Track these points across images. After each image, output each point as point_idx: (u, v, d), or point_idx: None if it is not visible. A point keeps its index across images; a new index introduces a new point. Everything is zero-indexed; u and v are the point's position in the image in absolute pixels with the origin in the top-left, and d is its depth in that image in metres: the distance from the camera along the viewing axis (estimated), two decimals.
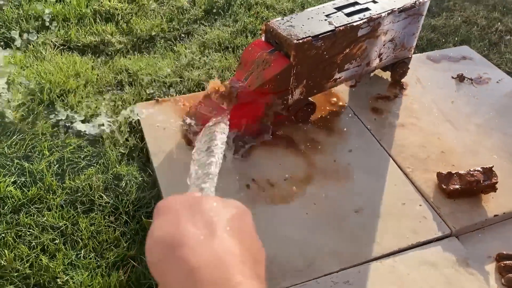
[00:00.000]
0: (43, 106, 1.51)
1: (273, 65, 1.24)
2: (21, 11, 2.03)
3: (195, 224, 0.32)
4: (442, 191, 1.25)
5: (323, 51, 1.28)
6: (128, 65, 1.77)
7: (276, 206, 1.19)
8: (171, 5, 2.21)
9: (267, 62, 1.25)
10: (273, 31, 1.26)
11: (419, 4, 1.42)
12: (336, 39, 1.28)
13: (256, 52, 1.28)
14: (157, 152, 1.36)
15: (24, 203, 1.23)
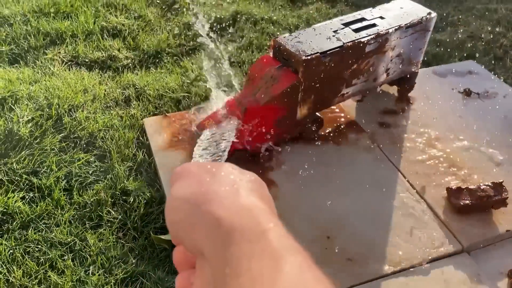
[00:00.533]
0: (52, 121, 1.52)
1: (281, 81, 1.25)
2: (29, 27, 2.05)
3: (218, 183, 0.31)
4: (452, 207, 1.24)
5: (331, 67, 1.28)
6: (135, 80, 1.78)
7: None
8: (178, 21, 2.23)
9: (275, 78, 1.26)
10: (281, 47, 1.27)
11: (426, 20, 1.43)
12: (344, 55, 1.28)
13: (264, 68, 1.29)
14: (164, 167, 1.36)
15: (32, 218, 1.23)
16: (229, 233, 0.27)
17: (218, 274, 0.26)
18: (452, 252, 1.15)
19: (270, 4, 2.51)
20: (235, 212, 0.28)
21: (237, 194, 0.30)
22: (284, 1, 2.57)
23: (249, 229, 0.27)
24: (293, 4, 2.56)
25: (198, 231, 0.29)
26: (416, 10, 1.46)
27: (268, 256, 0.25)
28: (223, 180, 0.32)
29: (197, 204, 0.30)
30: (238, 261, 0.25)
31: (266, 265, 0.25)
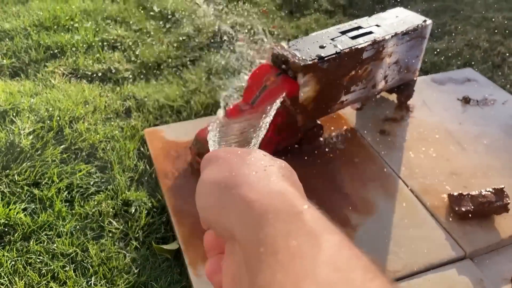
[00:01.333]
0: (53, 133, 1.52)
1: (280, 86, 1.26)
2: (30, 40, 2.06)
3: (248, 167, 0.31)
4: (454, 213, 1.24)
5: (329, 73, 1.29)
6: (136, 92, 1.79)
7: None
8: (177, 33, 2.25)
9: (273, 84, 1.27)
10: (280, 54, 1.28)
11: (422, 27, 1.45)
12: (341, 62, 1.30)
13: (263, 76, 1.30)
14: (166, 177, 1.36)
15: (34, 230, 1.22)
16: (262, 215, 0.26)
17: (250, 254, 0.26)
18: (455, 258, 1.14)
19: (269, 15, 2.53)
20: (267, 195, 0.28)
21: (268, 179, 0.30)
22: (283, 13, 2.59)
23: (283, 210, 0.27)
24: (291, 15, 2.59)
25: (229, 214, 0.29)
26: (411, 18, 1.47)
27: (305, 234, 0.25)
28: (254, 164, 0.32)
29: (228, 188, 0.30)
30: (273, 239, 0.25)
31: (304, 242, 0.24)
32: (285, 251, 0.24)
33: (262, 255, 0.25)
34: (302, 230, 0.25)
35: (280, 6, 2.65)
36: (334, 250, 0.24)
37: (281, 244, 0.24)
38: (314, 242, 0.24)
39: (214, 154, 0.35)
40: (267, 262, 0.24)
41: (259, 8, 2.59)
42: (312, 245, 0.24)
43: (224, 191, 0.30)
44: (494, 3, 2.80)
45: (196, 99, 1.76)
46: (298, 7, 2.66)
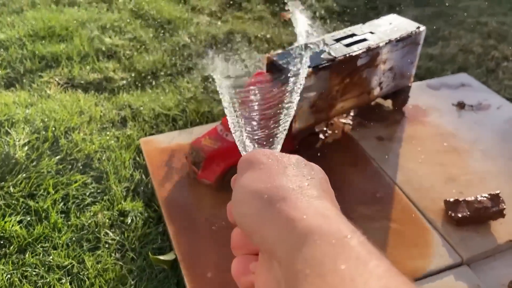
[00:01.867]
0: (48, 144, 1.52)
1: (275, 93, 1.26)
2: (25, 51, 2.06)
3: (290, 179, 0.31)
4: (450, 219, 1.24)
5: (324, 80, 1.30)
6: (131, 101, 1.79)
7: None
8: (172, 41, 2.26)
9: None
10: (274, 62, 1.29)
11: (415, 34, 1.46)
12: (336, 69, 1.30)
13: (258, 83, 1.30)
14: (162, 186, 1.36)
15: (29, 242, 1.22)
16: (306, 235, 0.26)
17: (293, 275, 0.25)
18: (452, 264, 1.14)
19: (264, 22, 2.54)
20: (312, 215, 0.28)
21: (310, 195, 0.30)
22: (277, 20, 2.60)
23: (330, 233, 0.26)
24: (286, 22, 2.60)
25: (269, 228, 0.28)
26: (405, 24, 1.48)
27: (354, 258, 0.25)
28: (296, 176, 0.32)
29: (270, 201, 0.29)
30: (320, 262, 0.25)
31: (354, 266, 0.24)
32: (333, 274, 0.24)
33: (308, 277, 0.24)
34: (350, 254, 0.25)
35: (275, 13, 2.66)
36: (384, 276, 0.24)
37: (328, 266, 0.24)
38: (363, 267, 0.24)
39: (254, 157, 0.34)
40: (314, 284, 0.24)
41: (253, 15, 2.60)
42: (362, 270, 0.24)
43: (265, 204, 0.29)
44: (488, 8, 2.82)
45: (192, 108, 1.76)
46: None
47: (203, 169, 1.27)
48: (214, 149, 1.25)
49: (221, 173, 1.26)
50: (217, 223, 1.25)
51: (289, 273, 0.26)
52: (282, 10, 2.69)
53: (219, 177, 1.27)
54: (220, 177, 1.27)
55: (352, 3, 2.85)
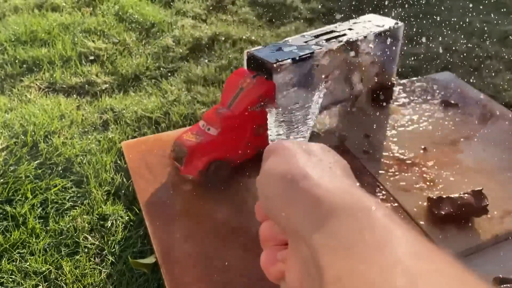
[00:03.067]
0: (27, 148, 1.50)
1: (256, 87, 1.26)
2: (6, 56, 2.04)
3: (315, 162, 0.32)
4: (434, 216, 1.23)
5: (304, 74, 1.29)
6: (114, 104, 1.77)
7: None
8: (156, 45, 2.24)
9: (249, 86, 1.27)
10: (254, 57, 1.29)
11: (393, 29, 1.46)
12: (315, 62, 1.30)
13: (238, 79, 1.30)
14: (143, 190, 1.34)
15: (6, 248, 1.19)
16: (331, 211, 0.26)
17: (320, 248, 0.25)
18: None
19: (249, 24, 2.54)
20: (335, 192, 0.28)
21: (334, 176, 0.30)
22: (263, 22, 2.60)
23: (354, 207, 0.26)
24: (271, 24, 2.59)
25: (294, 207, 0.28)
26: (383, 21, 1.49)
27: (380, 229, 0.24)
28: (320, 160, 0.32)
29: (294, 181, 0.30)
30: (347, 234, 0.24)
31: (382, 235, 0.23)
32: (361, 244, 0.23)
33: (334, 250, 0.24)
34: (377, 224, 0.25)
35: (260, 15, 2.66)
36: (414, 243, 0.23)
37: (356, 237, 0.24)
38: (390, 236, 0.24)
39: (278, 145, 0.35)
40: (341, 255, 0.23)
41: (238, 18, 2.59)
42: (389, 239, 0.23)
43: (290, 184, 0.30)
44: (472, 7, 2.84)
45: (175, 110, 1.75)
46: (278, 16, 2.67)
47: (186, 164, 1.25)
48: (196, 143, 1.24)
49: (203, 167, 1.25)
50: (199, 227, 1.23)
51: (316, 249, 0.25)
52: (268, 13, 2.69)
53: (202, 171, 1.25)
54: (203, 171, 1.25)
55: (337, 4, 2.86)
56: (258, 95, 1.26)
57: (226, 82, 1.35)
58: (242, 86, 1.29)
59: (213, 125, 1.27)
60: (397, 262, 0.22)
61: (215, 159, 1.28)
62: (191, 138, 1.27)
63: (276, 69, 1.24)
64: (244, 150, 1.32)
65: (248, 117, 1.28)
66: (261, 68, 1.28)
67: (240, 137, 1.30)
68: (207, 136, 1.27)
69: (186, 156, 1.27)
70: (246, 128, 1.30)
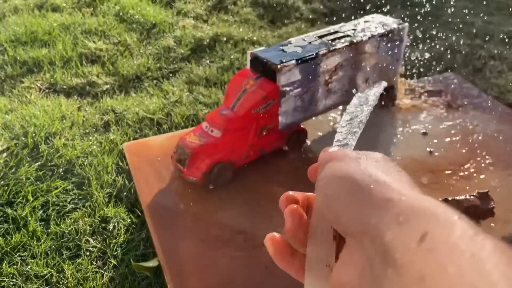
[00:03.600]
0: (28, 150, 1.48)
1: (260, 89, 1.24)
2: (6, 56, 2.02)
3: (381, 167, 0.32)
4: None
5: (308, 74, 1.28)
6: (115, 105, 1.75)
7: None
8: (158, 45, 2.23)
9: (252, 87, 1.26)
10: (257, 58, 1.27)
11: (398, 30, 1.45)
12: (319, 63, 1.29)
13: (242, 80, 1.29)
14: (145, 192, 1.32)
15: (7, 251, 1.18)
16: (407, 213, 0.26)
17: (397, 249, 0.24)
18: None
19: (250, 25, 2.52)
20: (410, 196, 0.27)
21: (404, 182, 0.30)
22: (264, 22, 2.58)
23: (436, 213, 0.25)
24: (273, 25, 2.58)
25: (361, 207, 0.28)
26: (387, 22, 1.48)
27: (468, 237, 0.23)
28: (385, 166, 0.32)
29: (362, 182, 0.30)
30: (431, 237, 0.23)
31: (469, 243, 0.23)
32: (444, 248, 0.23)
33: (414, 250, 0.23)
34: (464, 232, 0.23)
35: (262, 16, 2.64)
36: (501, 254, 0.23)
37: (440, 240, 0.23)
38: (479, 245, 0.23)
39: (340, 151, 0.36)
40: (424, 255, 0.23)
41: (240, 18, 2.58)
42: (479, 248, 0.22)
43: (357, 185, 0.30)
44: (474, 8, 2.83)
45: (177, 111, 1.73)
46: (280, 16, 2.66)
47: (189, 166, 1.24)
48: (199, 145, 1.23)
49: (207, 169, 1.23)
50: (202, 229, 1.21)
51: (390, 248, 0.25)
52: (269, 14, 2.68)
53: (205, 173, 1.24)
54: (206, 174, 1.24)
55: (339, 5, 2.84)
56: (262, 97, 1.24)
57: (229, 83, 1.34)
58: (246, 88, 1.27)
59: (216, 127, 1.25)
60: (494, 267, 0.21)
61: (218, 161, 1.27)
62: (194, 140, 1.25)
63: (280, 70, 1.22)
64: (247, 152, 1.31)
65: (252, 119, 1.27)
66: (265, 69, 1.27)
67: (244, 139, 1.29)
68: (210, 138, 1.26)
69: (189, 158, 1.25)
70: (249, 130, 1.28)
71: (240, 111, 1.25)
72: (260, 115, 1.26)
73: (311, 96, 1.34)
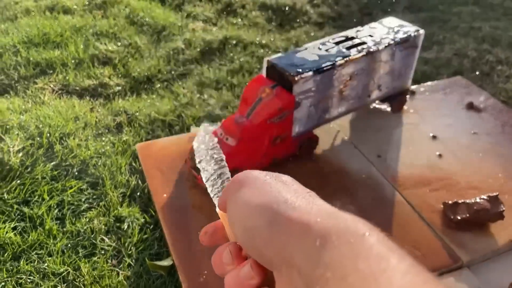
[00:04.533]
0: (43, 149, 1.50)
1: (276, 99, 1.25)
2: (19, 57, 2.05)
3: (294, 190, 0.31)
4: (450, 221, 1.23)
5: (324, 84, 1.29)
6: (127, 107, 1.78)
7: None
8: (167, 47, 2.25)
9: (268, 96, 1.27)
10: (274, 66, 1.28)
11: (414, 37, 1.46)
12: (336, 72, 1.30)
13: (257, 88, 1.30)
14: (158, 192, 1.34)
15: (24, 249, 1.20)
16: (324, 237, 0.26)
17: (314, 279, 0.25)
18: (452, 267, 1.13)
19: (259, 28, 2.55)
20: (326, 217, 0.27)
21: (318, 202, 0.30)
22: (273, 26, 2.60)
23: (347, 232, 0.26)
24: (281, 28, 2.60)
25: (283, 237, 0.28)
26: (404, 27, 1.48)
27: (375, 256, 0.24)
28: (297, 188, 0.32)
29: (279, 210, 0.29)
30: (340, 263, 0.24)
31: (375, 265, 0.23)
32: (355, 275, 0.23)
33: (330, 280, 0.24)
34: (371, 252, 0.24)
35: (270, 19, 2.67)
36: (409, 272, 0.23)
37: (349, 267, 0.23)
38: (385, 265, 0.23)
39: (249, 174, 0.34)
40: (337, 286, 0.23)
41: (248, 22, 2.60)
42: (384, 268, 0.23)
43: (275, 214, 0.29)
44: (481, 13, 2.84)
45: (188, 113, 1.75)
46: (288, 20, 2.68)
47: None
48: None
49: None
50: None
51: (310, 279, 0.25)
52: (277, 17, 2.70)
53: None
54: None
55: (347, 9, 2.86)
56: (278, 108, 1.26)
57: (245, 89, 1.35)
58: (261, 96, 1.28)
59: (231, 135, 1.26)
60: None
61: (232, 169, 1.28)
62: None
63: (297, 81, 1.23)
64: (261, 160, 1.33)
65: (267, 129, 1.29)
66: (280, 78, 1.28)
67: (258, 147, 1.30)
68: (225, 146, 1.27)
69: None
70: (264, 139, 1.30)
71: (255, 120, 1.27)
72: (275, 125, 1.28)
73: (325, 104, 1.36)
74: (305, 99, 1.29)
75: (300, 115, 1.31)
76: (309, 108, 1.32)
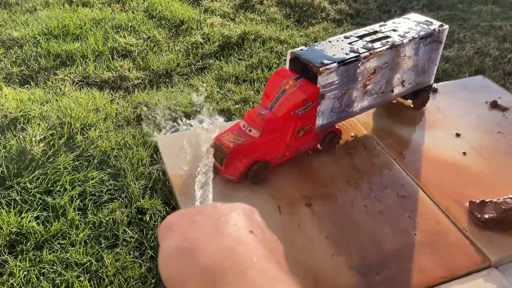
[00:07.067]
0: (64, 140, 1.50)
1: (299, 91, 1.24)
2: (39, 49, 2.05)
3: (200, 229, 0.31)
4: (477, 220, 1.21)
5: (348, 77, 1.28)
6: (147, 99, 1.77)
7: None
8: (186, 42, 2.24)
9: (292, 88, 1.25)
10: (298, 58, 1.27)
11: (438, 32, 1.44)
12: (360, 66, 1.28)
13: (281, 80, 1.29)
14: (179, 184, 1.34)
15: (47, 239, 1.20)
16: (214, 280, 0.27)
17: None
18: (480, 267, 1.11)
19: (277, 24, 2.53)
20: (218, 256, 0.28)
21: (220, 235, 0.30)
22: (291, 22, 2.59)
23: (228, 271, 0.27)
24: (299, 24, 2.58)
25: (189, 283, 0.28)
26: (428, 22, 1.46)
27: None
28: (206, 223, 0.32)
29: (182, 256, 0.30)
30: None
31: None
32: None
33: None
34: None
35: (288, 15, 2.65)
36: None
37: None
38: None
39: (168, 222, 0.34)
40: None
41: (266, 17, 2.59)
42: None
43: (181, 261, 0.29)
44: (501, 12, 2.80)
45: (208, 107, 1.75)
46: (306, 16, 2.66)
47: (226, 165, 1.25)
48: (237, 145, 1.23)
49: (244, 169, 1.24)
50: None
51: None
52: (295, 13, 2.68)
53: (243, 173, 1.24)
54: (244, 173, 1.25)
55: (365, 6, 2.84)
56: (302, 99, 1.24)
57: (268, 82, 1.34)
58: (285, 88, 1.27)
59: (254, 126, 1.25)
60: None
61: (255, 161, 1.27)
62: (231, 139, 1.26)
63: (321, 72, 1.22)
64: (284, 152, 1.31)
65: (290, 120, 1.27)
66: (304, 70, 1.27)
67: (281, 139, 1.29)
68: (248, 137, 1.26)
69: (226, 157, 1.26)
70: (287, 131, 1.29)
71: (279, 112, 1.25)
72: (299, 117, 1.26)
73: (349, 97, 1.34)
74: (329, 91, 1.28)
75: (323, 108, 1.30)
76: (332, 101, 1.31)
